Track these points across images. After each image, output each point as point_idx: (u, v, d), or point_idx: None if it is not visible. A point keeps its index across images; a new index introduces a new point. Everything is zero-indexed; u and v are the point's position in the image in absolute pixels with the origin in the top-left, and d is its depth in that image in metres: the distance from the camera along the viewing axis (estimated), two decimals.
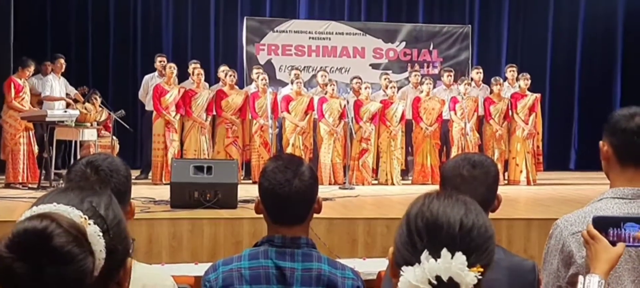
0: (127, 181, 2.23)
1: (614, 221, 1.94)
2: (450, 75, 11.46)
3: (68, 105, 10.16)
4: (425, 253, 1.31)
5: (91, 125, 9.80)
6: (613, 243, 1.91)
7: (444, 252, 1.30)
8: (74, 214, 1.21)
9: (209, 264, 2.42)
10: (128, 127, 10.55)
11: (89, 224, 1.20)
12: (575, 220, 2.15)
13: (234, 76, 10.58)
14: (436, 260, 1.30)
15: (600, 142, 2.23)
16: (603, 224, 1.93)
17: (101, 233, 1.21)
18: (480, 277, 1.31)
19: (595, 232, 1.93)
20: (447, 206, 1.39)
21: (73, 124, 9.35)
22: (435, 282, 1.29)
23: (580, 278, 1.94)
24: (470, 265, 1.30)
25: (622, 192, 2.15)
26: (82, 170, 2.19)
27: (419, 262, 1.31)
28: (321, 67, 12.03)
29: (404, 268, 1.32)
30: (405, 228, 1.40)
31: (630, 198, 2.14)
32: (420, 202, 1.42)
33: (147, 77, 11.02)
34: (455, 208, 1.39)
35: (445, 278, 1.29)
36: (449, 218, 1.37)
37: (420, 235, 1.36)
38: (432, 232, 1.36)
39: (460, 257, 1.30)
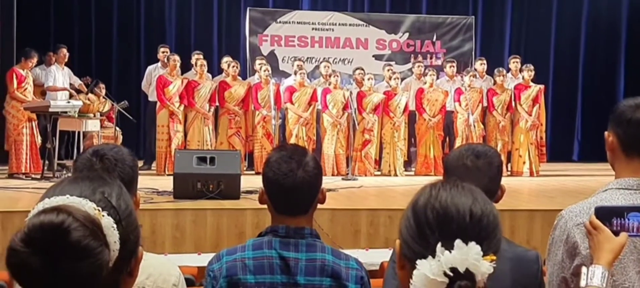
0: (133, 171, 2.23)
1: (618, 211, 1.93)
2: (453, 66, 11.44)
3: (71, 96, 10.16)
4: (439, 246, 1.30)
5: (94, 115, 9.80)
6: (616, 234, 1.90)
7: (458, 243, 1.29)
8: (88, 206, 1.20)
9: (213, 254, 2.43)
10: (131, 117, 10.55)
11: (103, 216, 1.20)
12: (580, 210, 2.14)
13: (237, 67, 10.58)
14: (450, 252, 1.29)
15: (606, 133, 2.22)
16: (606, 214, 1.93)
17: (115, 225, 1.21)
18: (495, 266, 1.31)
19: (597, 222, 1.92)
20: (455, 196, 1.38)
21: (76, 115, 9.35)
22: (451, 274, 1.28)
23: (584, 269, 1.93)
24: (483, 254, 1.30)
25: (627, 182, 2.14)
26: (88, 158, 2.21)
27: (432, 254, 1.30)
28: (324, 58, 12.02)
29: (418, 262, 1.31)
30: (414, 221, 1.38)
31: (635, 188, 2.13)
32: (427, 192, 1.41)
33: (150, 67, 11.03)
34: (463, 197, 1.38)
35: (461, 270, 1.28)
36: (459, 208, 1.36)
37: (431, 227, 1.35)
38: (443, 223, 1.34)
39: (474, 247, 1.29)
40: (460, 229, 1.33)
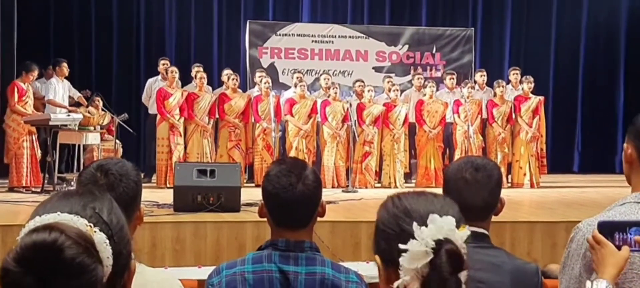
0: (137, 186, 2.23)
1: (620, 226, 1.93)
2: (453, 78, 11.46)
3: (71, 111, 10.16)
4: (415, 225, 1.37)
5: (94, 128, 9.80)
6: (618, 248, 1.90)
7: (431, 217, 1.37)
8: (80, 223, 1.20)
9: (213, 268, 2.42)
10: (131, 130, 10.56)
11: (95, 232, 1.20)
12: None
13: (237, 79, 10.59)
14: (427, 227, 1.36)
15: (624, 145, 2.20)
16: (609, 229, 1.92)
17: (107, 240, 1.20)
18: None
19: (600, 236, 1.91)
20: (415, 199, 1.49)
21: (76, 128, 9.36)
22: (433, 245, 1.34)
23: (588, 283, 1.93)
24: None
25: None
26: (92, 173, 2.20)
27: (412, 236, 1.37)
28: (324, 70, 12.04)
29: (400, 246, 1.37)
30: (382, 238, 1.49)
31: None
32: (389, 203, 1.52)
33: (150, 80, 11.05)
34: (422, 199, 1.49)
35: (441, 237, 1.35)
36: (420, 209, 1.45)
37: (403, 219, 1.44)
38: (413, 211, 1.45)
39: (448, 218, 1.38)
40: (429, 211, 1.42)
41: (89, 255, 1.15)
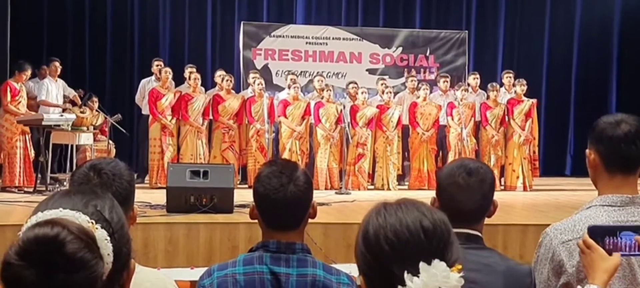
0: (130, 186, 2.24)
1: (610, 230, 1.93)
2: (447, 81, 11.47)
3: (64, 110, 10.14)
4: (406, 275, 1.29)
5: (87, 129, 9.78)
6: (609, 252, 1.90)
7: (423, 266, 1.28)
8: (82, 219, 1.22)
9: (205, 269, 2.42)
10: (124, 131, 10.54)
11: (97, 229, 1.21)
12: (564, 228, 2.15)
13: (231, 81, 10.58)
14: (419, 277, 1.28)
15: (587, 151, 2.23)
16: (599, 233, 1.92)
17: (108, 237, 1.22)
18: (463, 276, 1.31)
19: (591, 241, 1.91)
20: (402, 217, 1.36)
21: (69, 128, 9.34)
22: None
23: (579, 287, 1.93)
24: (449, 267, 1.29)
25: (611, 199, 2.15)
26: (85, 173, 2.21)
27: (400, 283, 1.29)
28: (318, 72, 12.05)
29: None
30: (371, 255, 1.37)
31: (619, 205, 2.13)
32: (375, 222, 1.39)
33: (143, 81, 11.03)
34: (410, 215, 1.37)
35: None
36: (410, 228, 1.34)
37: (391, 258, 1.33)
38: (400, 250, 1.33)
39: (439, 264, 1.28)
40: (419, 249, 1.32)
41: (90, 251, 1.16)
